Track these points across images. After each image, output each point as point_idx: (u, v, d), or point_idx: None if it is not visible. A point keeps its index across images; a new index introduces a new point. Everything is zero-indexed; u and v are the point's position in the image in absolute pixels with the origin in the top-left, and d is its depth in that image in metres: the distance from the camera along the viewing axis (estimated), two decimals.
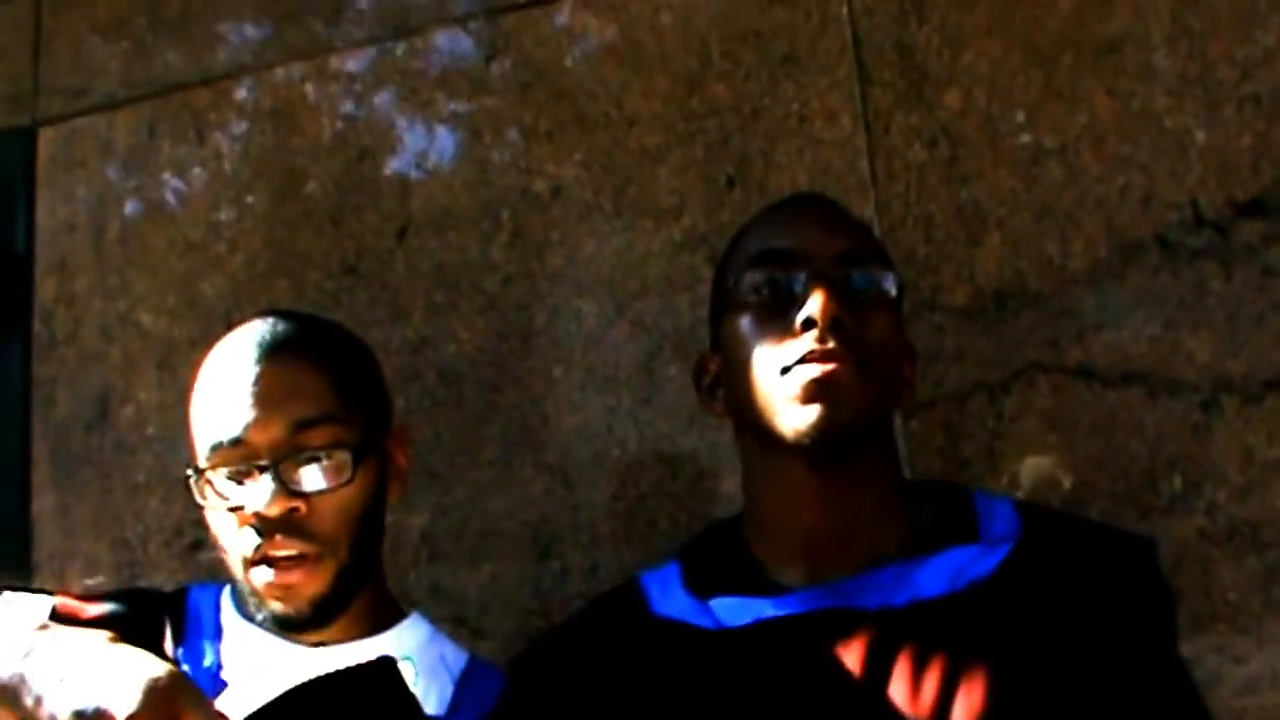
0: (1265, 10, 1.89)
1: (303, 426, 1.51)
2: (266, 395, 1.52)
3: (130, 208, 2.33)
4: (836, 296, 1.41)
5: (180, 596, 1.65)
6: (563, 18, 2.16)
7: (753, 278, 1.47)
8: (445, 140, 2.19)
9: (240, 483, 1.52)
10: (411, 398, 2.10)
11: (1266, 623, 1.77)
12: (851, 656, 1.37)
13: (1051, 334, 1.90)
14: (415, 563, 2.06)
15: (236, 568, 1.53)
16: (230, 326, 2.10)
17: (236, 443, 1.51)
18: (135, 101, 2.37)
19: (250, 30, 2.33)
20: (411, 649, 1.60)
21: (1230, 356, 1.83)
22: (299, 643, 1.56)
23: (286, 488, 1.49)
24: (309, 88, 2.28)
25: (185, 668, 1.54)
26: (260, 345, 1.56)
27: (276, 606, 1.52)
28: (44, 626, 1.25)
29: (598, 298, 2.07)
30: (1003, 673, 1.34)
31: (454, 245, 2.15)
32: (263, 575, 1.50)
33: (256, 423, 1.50)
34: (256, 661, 1.55)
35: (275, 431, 1.50)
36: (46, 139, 2.41)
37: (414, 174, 2.20)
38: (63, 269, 2.34)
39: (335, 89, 2.27)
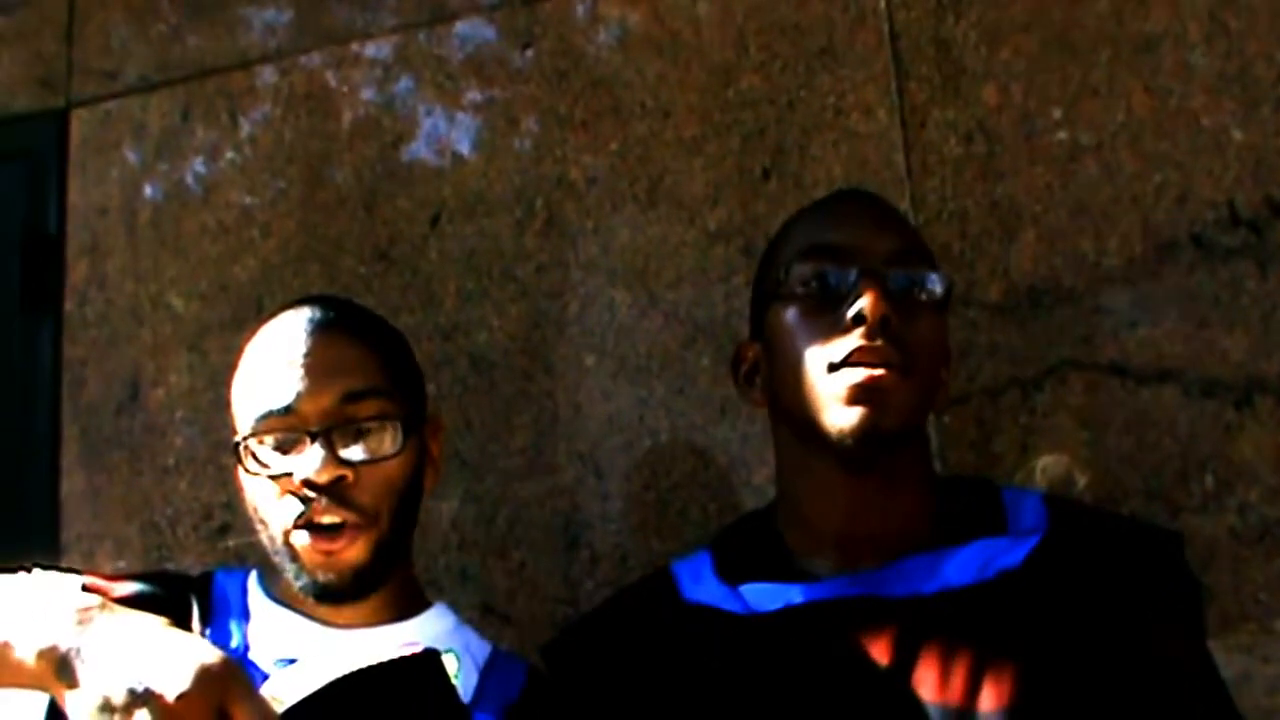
0: None
1: (352, 398, 1.53)
2: (317, 366, 1.54)
3: (162, 191, 2.34)
4: (887, 295, 1.42)
5: (206, 580, 1.66)
6: (599, 7, 2.16)
7: (802, 270, 1.47)
8: (479, 127, 2.19)
9: (286, 452, 1.53)
10: (443, 384, 2.11)
11: None
12: (880, 643, 1.38)
13: (1085, 331, 1.89)
14: (444, 549, 2.07)
15: (276, 537, 1.54)
16: (262, 310, 2.13)
17: (287, 411, 1.52)
18: (168, 85, 2.38)
19: (285, 15, 2.33)
20: (436, 637, 1.60)
21: (1264, 356, 1.83)
22: (329, 625, 1.56)
23: (336, 455, 1.51)
24: (343, 73, 2.28)
25: None
26: (310, 321, 1.58)
27: (317, 575, 1.53)
28: (104, 605, 1.25)
29: (631, 287, 2.07)
30: (1031, 661, 1.35)
31: (487, 232, 2.15)
32: (303, 539, 1.51)
33: (307, 392, 1.52)
34: (285, 644, 1.55)
35: (326, 401, 1.52)
36: (79, 121, 2.42)
37: (447, 161, 2.20)
38: (94, 251, 2.35)
39: (370, 75, 2.27)
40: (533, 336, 2.10)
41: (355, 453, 1.53)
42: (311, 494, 1.50)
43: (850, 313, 1.41)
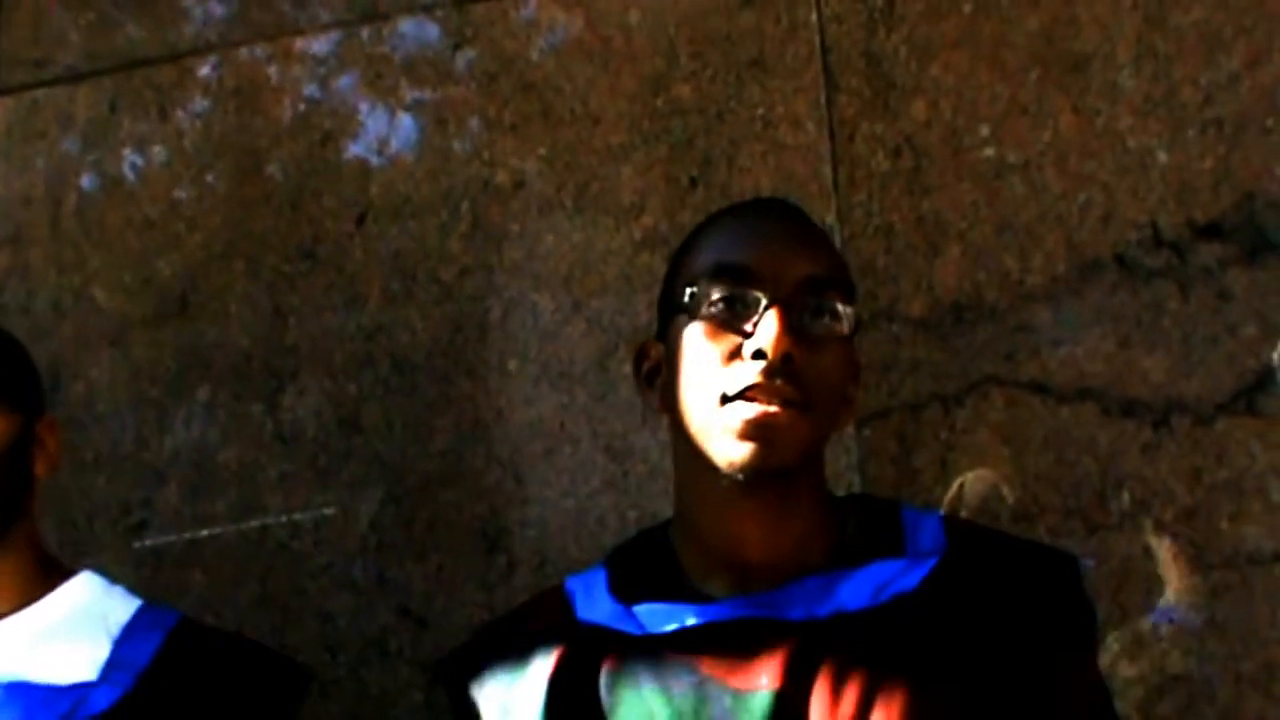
0: (1230, 35, 1.90)
1: None
2: None
3: (88, 182, 2.31)
4: (792, 329, 1.37)
5: None
6: (531, 10, 2.15)
7: (708, 289, 1.42)
8: (408, 128, 2.18)
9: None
10: (364, 385, 2.10)
11: (1209, 642, 1.78)
12: (773, 666, 1.36)
13: (1007, 348, 1.90)
14: (362, 551, 2.06)
15: None
16: (185, 306, 2.12)
17: None
18: (97, 75, 2.35)
19: (216, 8, 2.31)
20: (74, 610, 1.59)
21: (1183, 377, 1.84)
22: None
23: None
24: (273, 69, 2.26)
25: None
26: None
27: None
28: None
29: (555, 293, 2.06)
30: (923, 686, 1.34)
31: (413, 234, 2.14)
32: None
33: None
34: None
35: None
36: (5, 109, 2.39)
37: (375, 160, 2.19)
38: (17, 241, 2.32)
39: (300, 71, 2.25)
40: (455, 340, 2.09)
41: None
42: None
43: (752, 347, 1.37)
